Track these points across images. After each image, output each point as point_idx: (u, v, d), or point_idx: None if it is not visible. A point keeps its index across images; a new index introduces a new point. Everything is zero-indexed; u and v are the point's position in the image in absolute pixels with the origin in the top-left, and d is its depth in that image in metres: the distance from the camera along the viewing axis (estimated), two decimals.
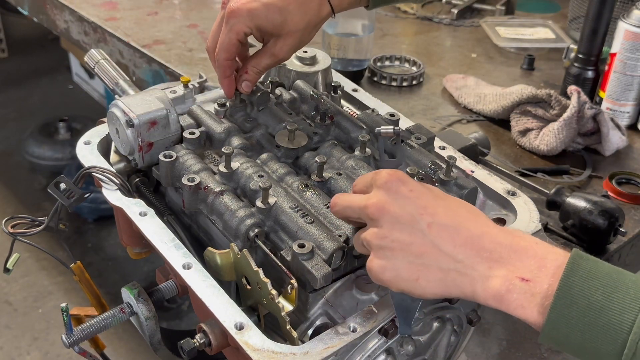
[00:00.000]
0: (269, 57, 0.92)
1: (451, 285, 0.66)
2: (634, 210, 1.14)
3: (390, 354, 0.78)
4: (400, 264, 0.66)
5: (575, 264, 0.61)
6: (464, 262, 0.65)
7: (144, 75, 1.56)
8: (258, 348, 0.67)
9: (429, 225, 0.66)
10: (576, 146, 1.27)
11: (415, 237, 0.66)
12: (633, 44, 1.27)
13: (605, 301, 0.59)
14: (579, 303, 0.59)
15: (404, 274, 0.66)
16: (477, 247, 0.65)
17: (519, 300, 0.62)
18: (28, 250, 1.98)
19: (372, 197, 0.68)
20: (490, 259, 0.64)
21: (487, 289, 0.64)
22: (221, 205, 0.81)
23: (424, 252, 0.65)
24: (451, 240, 0.65)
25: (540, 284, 0.62)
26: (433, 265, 0.65)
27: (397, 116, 1.00)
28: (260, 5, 0.87)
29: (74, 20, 1.72)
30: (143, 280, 2.39)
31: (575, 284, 0.60)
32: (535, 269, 0.62)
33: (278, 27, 0.89)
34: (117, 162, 0.94)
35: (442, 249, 0.65)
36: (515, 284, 0.62)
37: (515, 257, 0.64)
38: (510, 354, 1.03)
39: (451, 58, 1.65)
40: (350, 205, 0.71)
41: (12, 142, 3.19)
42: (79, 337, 0.81)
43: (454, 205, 0.68)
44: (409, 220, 0.66)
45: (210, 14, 1.75)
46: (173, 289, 0.84)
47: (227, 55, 0.91)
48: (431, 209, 0.66)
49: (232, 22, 0.88)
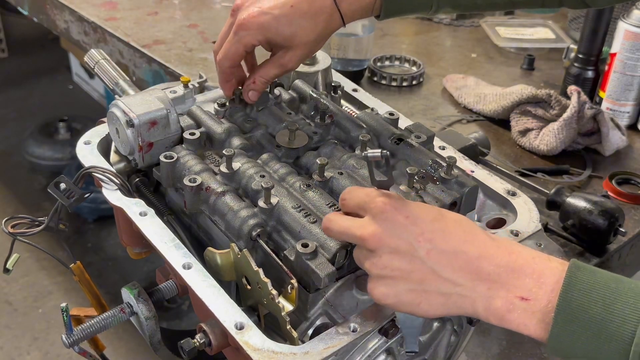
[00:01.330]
0: (278, 67, 0.92)
1: (453, 307, 0.67)
2: (634, 210, 1.14)
3: (390, 354, 0.78)
4: (401, 291, 0.67)
5: (573, 277, 0.62)
6: (463, 285, 0.66)
7: (144, 75, 1.56)
8: (258, 348, 0.67)
9: (427, 252, 0.66)
10: (576, 146, 1.27)
11: (414, 264, 0.67)
12: (633, 44, 1.27)
13: (605, 313, 0.60)
14: (580, 317, 0.60)
15: (405, 300, 0.68)
16: (476, 270, 0.66)
17: (520, 319, 0.63)
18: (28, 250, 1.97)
19: (368, 227, 0.68)
20: (489, 280, 0.65)
21: (488, 309, 0.65)
22: (223, 206, 0.81)
23: (424, 278, 0.66)
24: (450, 265, 0.66)
25: (540, 301, 0.63)
26: (434, 291, 0.67)
27: (396, 115, 1.00)
28: (271, 19, 0.86)
29: (74, 20, 1.72)
30: (143, 280, 2.39)
31: (574, 299, 0.61)
32: (534, 287, 0.63)
33: (288, 40, 0.88)
34: (117, 162, 0.94)
35: (442, 274, 0.66)
36: (516, 304, 0.63)
37: (513, 277, 0.64)
38: (510, 354, 1.03)
39: (451, 58, 1.65)
40: (346, 233, 0.71)
41: (12, 142, 3.18)
42: (79, 337, 0.81)
43: (450, 227, 0.68)
44: (407, 249, 0.67)
45: (210, 13, 1.75)
46: (173, 289, 0.84)
47: (231, 63, 0.90)
48: (428, 235, 0.67)
49: (241, 34, 0.87)
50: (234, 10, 0.90)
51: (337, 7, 0.88)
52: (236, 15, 0.89)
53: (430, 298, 0.67)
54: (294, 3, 0.86)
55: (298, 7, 0.86)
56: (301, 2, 0.87)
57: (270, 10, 0.86)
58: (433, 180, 0.86)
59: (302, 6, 0.87)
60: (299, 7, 0.87)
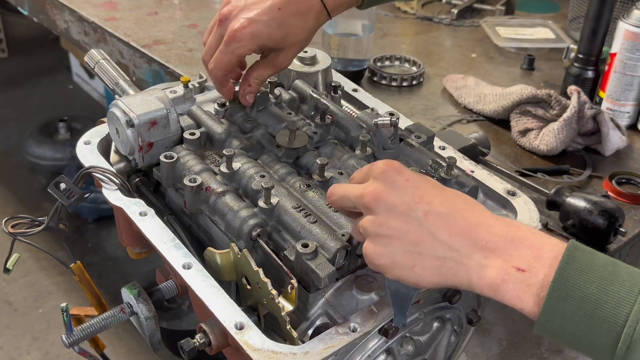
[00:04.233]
0: (271, 68, 0.92)
1: (447, 274, 0.66)
2: (634, 210, 1.14)
3: (390, 354, 0.78)
4: (396, 251, 0.67)
5: (571, 255, 0.61)
6: (459, 250, 0.65)
7: (144, 75, 1.56)
8: (258, 348, 0.67)
9: (425, 213, 0.66)
10: (576, 146, 1.27)
11: (411, 225, 0.66)
12: (633, 44, 1.27)
13: (600, 294, 0.59)
14: (574, 296, 0.60)
15: (399, 261, 0.67)
16: (473, 236, 0.65)
17: (514, 290, 0.62)
18: (28, 250, 1.98)
19: (369, 186, 0.69)
20: (486, 249, 0.64)
21: (482, 278, 0.64)
22: (223, 206, 0.81)
23: (420, 240, 0.66)
24: (447, 228, 0.66)
25: (536, 274, 0.62)
26: (429, 254, 0.66)
27: (396, 115, 1.00)
28: (262, 26, 0.86)
29: (74, 20, 1.72)
30: (143, 280, 2.39)
31: (570, 277, 0.60)
32: (531, 259, 0.63)
33: (280, 42, 0.89)
34: (117, 162, 0.94)
35: (438, 237, 0.65)
36: (511, 274, 0.63)
37: (511, 247, 0.64)
38: (510, 354, 1.03)
39: (451, 58, 1.65)
40: (347, 195, 0.71)
41: (12, 142, 3.18)
42: (79, 337, 0.81)
43: (450, 195, 0.69)
44: (405, 209, 0.66)
45: (210, 13, 1.74)
46: (173, 289, 0.84)
47: (224, 72, 0.90)
48: (427, 198, 0.67)
49: (234, 46, 0.87)
50: (222, 20, 0.89)
51: (323, 3, 0.89)
52: (225, 25, 0.88)
53: (425, 261, 0.66)
54: (282, 5, 0.86)
55: (286, 9, 0.87)
56: (288, 3, 0.87)
57: (259, 17, 0.86)
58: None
59: (290, 7, 0.87)
60: (287, 9, 0.87)
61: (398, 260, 0.67)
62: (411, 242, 0.66)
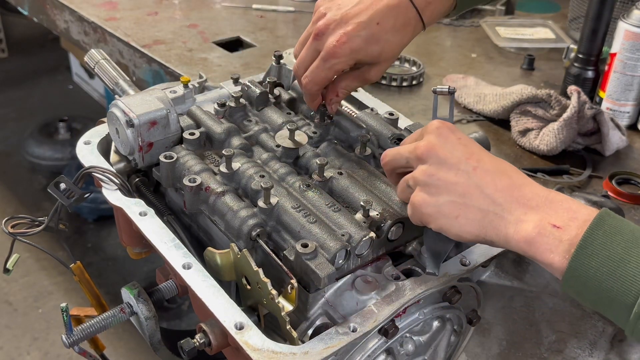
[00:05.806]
0: (361, 81, 0.91)
1: (487, 227, 0.70)
2: (634, 210, 1.14)
3: (390, 354, 0.78)
4: (442, 201, 0.71)
5: (602, 219, 0.65)
6: (502, 205, 0.69)
7: (144, 75, 1.56)
8: (258, 348, 0.67)
9: (474, 168, 0.71)
10: (576, 146, 1.27)
11: (460, 177, 0.71)
12: (633, 44, 1.27)
13: (624, 254, 0.62)
14: (600, 254, 0.63)
15: (445, 211, 0.71)
16: (517, 193, 0.69)
17: (547, 245, 0.66)
18: (28, 250, 1.98)
19: (423, 140, 0.74)
20: (527, 206, 0.69)
21: (519, 232, 0.68)
22: (223, 206, 0.81)
23: (467, 192, 0.70)
24: (493, 184, 0.70)
25: (569, 232, 0.66)
26: (474, 205, 0.70)
27: (396, 115, 1.00)
28: (361, 42, 0.85)
29: (74, 20, 1.72)
30: (143, 280, 2.39)
31: (598, 237, 0.64)
32: (567, 219, 0.67)
33: (375, 57, 0.88)
34: (117, 162, 0.94)
35: (484, 190, 0.70)
36: (547, 229, 0.66)
37: (549, 207, 0.68)
38: (510, 354, 1.03)
39: (451, 58, 1.65)
40: (400, 151, 0.77)
41: (12, 142, 3.19)
42: (79, 337, 0.81)
43: (497, 159, 0.73)
44: (455, 162, 0.71)
45: (210, 13, 1.75)
46: (173, 289, 0.84)
47: (320, 87, 0.90)
48: (477, 156, 0.72)
49: (332, 62, 0.86)
50: (318, 35, 0.86)
51: (421, 17, 0.88)
52: (322, 40, 0.86)
53: (469, 212, 0.70)
54: (380, 20, 0.85)
55: (384, 24, 0.86)
56: (386, 17, 0.86)
57: (357, 32, 0.84)
58: None
59: (389, 22, 0.86)
60: (385, 24, 0.86)
61: (444, 209, 0.71)
62: (458, 194, 0.70)
